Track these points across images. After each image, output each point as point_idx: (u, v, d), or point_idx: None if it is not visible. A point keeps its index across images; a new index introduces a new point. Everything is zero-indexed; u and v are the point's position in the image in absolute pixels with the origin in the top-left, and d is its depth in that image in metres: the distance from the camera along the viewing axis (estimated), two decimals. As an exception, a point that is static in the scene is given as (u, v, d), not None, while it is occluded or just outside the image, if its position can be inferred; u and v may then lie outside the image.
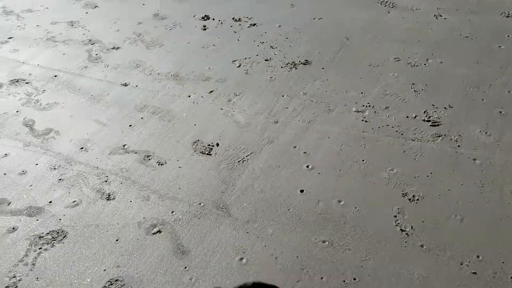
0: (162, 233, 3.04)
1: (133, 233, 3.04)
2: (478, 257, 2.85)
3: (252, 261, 2.82)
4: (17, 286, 2.74)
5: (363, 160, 3.55)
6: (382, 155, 3.59)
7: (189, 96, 4.41)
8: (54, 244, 3.01)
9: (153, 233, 3.04)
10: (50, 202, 3.34)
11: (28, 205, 3.32)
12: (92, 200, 3.33)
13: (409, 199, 3.26)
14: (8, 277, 2.80)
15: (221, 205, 3.24)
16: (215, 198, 3.29)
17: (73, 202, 3.33)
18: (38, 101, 4.48)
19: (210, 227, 3.07)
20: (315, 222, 3.07)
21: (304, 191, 3.31)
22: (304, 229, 3.02)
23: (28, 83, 4.78)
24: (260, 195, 3.30)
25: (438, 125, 3.84)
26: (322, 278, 2.70)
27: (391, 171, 3.45)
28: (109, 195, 3.36)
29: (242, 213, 3.16)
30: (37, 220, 3.20)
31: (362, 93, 4.28)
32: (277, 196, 3.28)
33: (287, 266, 2.79)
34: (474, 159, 3.54)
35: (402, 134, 3.76)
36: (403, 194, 3.31)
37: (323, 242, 2.93)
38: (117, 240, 3.00)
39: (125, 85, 4.65)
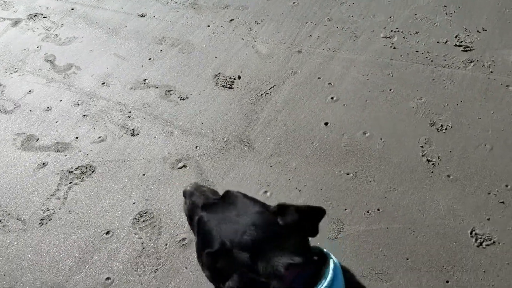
0: (187, 168, 3.08)
1: (159, 168, 3.10)
2: (506, 186, 2.80)
3: (276, 194, 2.85)
4: (51, 219, 2.87)
5: (390, 90, 3.41)
6: (410, 84, 3.44)
7: (208, 26, 4.25)
8: (84, 178, 3.10)
9: (179, 168, 3.08)
10: (77, 138, 3.40)
11: (56, 141, 3.39)
12: (117, 136, 3.37)
13: (437, 129, 3.17)
14: (42, 210, 2.93)
15: (244, 140, 3.22)
16: (238, 133, 3.27)
17: (99, 137, 3.37)
18: (57, 36, 4.41)
19: (234, 161, 3.09)
20: (339, 155, 3.04)
21: (329, 124, 3.25)
22: (328, 162, 3.00)
23: (46, 17, 4.69)
24: (283, 128, 3.26)
25: (470, 50, 3.61)
26: (345, 210, 2.72)
27: (419, 100, 3.33)
28: (133, 131, 3.38)
29: (266, 147, 3.15)
30: (65, 155, 3.28)
31: (390, 17, 4.03)
32: (301, 129, 3.23)
33: (311, 198, 2.81)
34: (507, 86, 3.36)
35: (432, 61, 3.57)
36: (431, 124, 3.20)
37: (347, 174, 2.92)
38: (144, 175, 3.06)
39: (142, 15, 4.51)
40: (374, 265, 2.45)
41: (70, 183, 3.08)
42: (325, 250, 1.44)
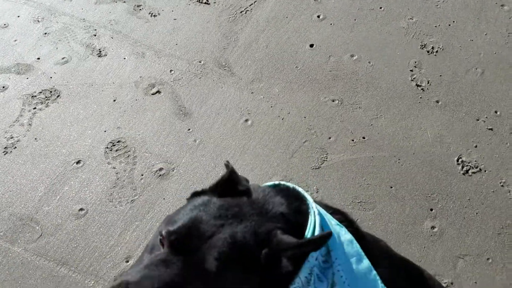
0: (162, 94, 2.86)
1: (130, 94, 2.86)
2: (496, 112, 2.72)
3: (258, 122, 2.69)
4: (15, 147, 2.67)
5: (380, 8, 3.16)
6: (401, 2, 3.19)
7: None
8: (48, 104, 2.85)
9: (152, 94, 2.86)
10: (38, 58, 3.09)
11: (16, 62, 3.07)
12: (82, 57, 3.07)
13: (428, 51, 3.00)
14: (6, 137, 2.71)
15: (223, 63, 2.98)
16: (216, 55, 3.02)
17: (63, 58, 3.07)
18: None
19: (212, 87, 2.87)
20: (325, 80, 2.86)
21: (314, 46, 3.02)
22: (313, 88, 2.83)
23: None
24: (265, 51, 3.02)
25: (469, -36, 3.34)
26: (330, 138, 2.60)
27: (410, 20, 3.11)
28: (100, 51, 3.09)
29: (246, 72, 2.93)
30: (27, 78, 2.99)
31: None
32: (284, 52, 3.00)
33: (294, 127, 2.67)
34: (502, 5, 3.16)
35: (426, -24, 3.30)
36: (422, 45, 3.02)
37: (333, 101, 2.77)
38: (114, 101, 2.84)
39: None
40: (358, 194, 2.40)
41: (34, 108, 2.84)
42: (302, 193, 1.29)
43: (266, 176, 2.46)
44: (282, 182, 1.32)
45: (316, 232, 1.11)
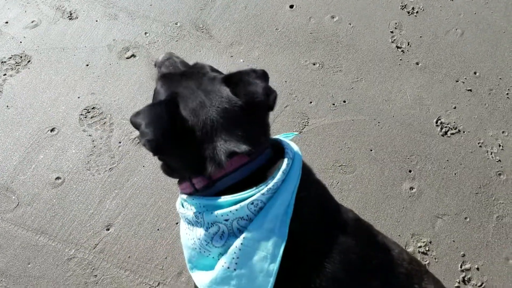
0: (137, 58, 2.76)
1: (104, 57, 2.76)
2: (475, 73, 2.72)
3: (237, 85, 2.64)
4: (-12, 116, 2.57)
5: (361, -33, 3.08)
6: (383, -39, 3.11)
7: None
8: (19, 69, 2.73)
9: (127, 58, 2.76)
10: (6, 22, 2.93)
11: (-19, 27, 2.91)
12: (52, 20, 2.92)
13: (408, 12, 2.96)
14: (-23, 106, 2.60)
15: (201, 25, 2.88)
16: (193, 17, 2.91)
17: (32, 22, 2.92)
18: None
19: (190, 50, 2.78)
20: (305, 43, 2.80)
21: (294, 7, 2.94)
22: (293, 51, 2.77)
23: None
24: (244, 12, 2.92)
25: None
26: (311, 103, 2.58)
27: (392, -20, 3.04)
28: (70, 14, 2.94)
29: (225, 34, 2.84)
30: (-5, 44, 2.85)
31: None
32: (264, 13, 2.92)
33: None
34: (484, -36, 3.11)
35: None
36: (402, 6, 2.98)
37: (314, 64, 2.72)
38: (87, 65, 2.73)
39: None
40: (338, 157, 2.40)
41: (5, 75, 2.71)
42: (286, 142, 1.28)
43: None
44: (287, 145, 1.26)
45: (242, 203, 1.10)
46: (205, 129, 1.13)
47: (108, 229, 2.19)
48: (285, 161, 1.17)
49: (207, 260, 1.18)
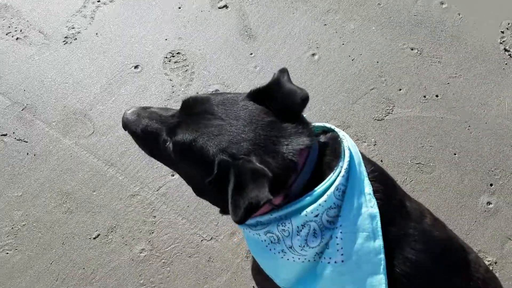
0: (229, 9, 2.69)
1: (197, 3, 2.71)
2: None
3: (326, 58, 2.52)
4: (76, 38, 2.61)
5: (485, -47, 2.79)
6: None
7: None
8: None
9: (219, 7, 2.69)
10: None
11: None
12: (153, -45, 2.89)
13: (526, 13, 2.68)
14: (67, 27, 2.65)
15: (301, -14, 2.76)
16: (294, -24, 2.78)
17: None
18: None
19: (283, 11, 2.67)
20: (407, 25, 2.61)
21: (402, -17, 2.74)
22: (393, 31, 2.59)
23: None
24: (348, -20, 2.76)
25: None
26: (400, 90, 2.42)
27: (516, -27, 2.74)
28: (172, -48, 2.89)
29: (322, 0, 2.70)
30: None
31: None
32: (368, -16, 2.74)
33: (363, 70, 2.48)
34: None
35: None
36: (521, 5, 2.70)
37: (411, 49, 2.54)
38: (179, 8, 2.70)
39: None
40: (418, 154, 2.27)
41: (99, 1, 2.73)
42: (329, 125, 1.26)
43: (323, 118, 2.34)
44: (335, 129, 1.23)
45: (328, 192, 1.07)
46: (268, 151, 1.08)
47: (173, 175, 2.21)
48: (344, 139, 1.17)
49: (302, 268, 1.14)
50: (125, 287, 1.99)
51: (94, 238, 2.08)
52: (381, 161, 2.23)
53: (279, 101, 1.14)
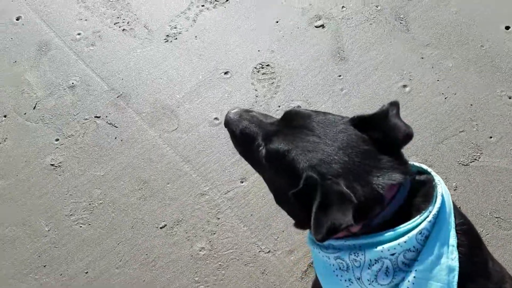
0: (325, 29, 2.70)
1: (294, 19, 2.76)
2: None
3: (417, 92, 2.45)
4: (176, 38, 2.77)
5: None
6: None
7: None
8: (217, 6, 2.86)
9: (316, 26, 2.72)
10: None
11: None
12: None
13: None
14: (170, 26, 2.81)
15: (402, 16, 2.70)
16: (396, 5, 2.73)
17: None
18: None
19: (380, 38, 2.64)
20: (509, 72, 2.46)
21: (511, 29, 2.58)
22: (492, 76, 2.46)
23: None
24: (453, 16, 2.65)
25: None
26: (491, 138, 2.29)
27: None
28: (278, -33, 2.97)
29: (424, 33, 2.62)
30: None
31: None
32: (474, 25, 2.62)
33: (455, 111, 2.38)
34: None
35: None
36: None
37: (510, 98, 2.39)
38: (277, 22, 2.76)
39: None
40: (499, 208, 2.12)
41: (202, 6, 2.87)
42: (428, 169, 1.22)
43: (405, 152, 2.25)
44: (431, 172, 1.20)
45: (410, 233, 1.05)
46: (358, 178, 1.08)
47: (242, 182, 2.27)
48: (439, 184, 1.14)
49: None
50: (180, 281, 2.07)
51: (161, 228, 2.19)
52: (459, 207, 2.12)
53: (381, 132, 1.14)
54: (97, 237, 2.20)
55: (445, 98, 2.41)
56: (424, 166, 1.23)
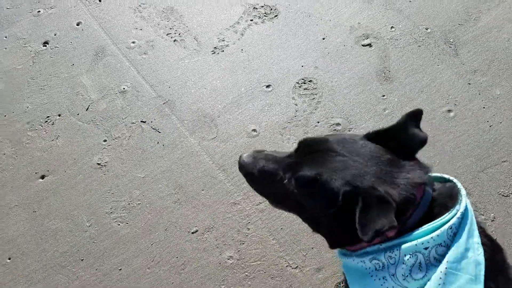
0: (372, 48, 2.69)
1: (341, 37, 2.76)
2: None
3: (461, 118, 2.38)
4: (223, 51, 2.85)
5: None
6: None
7: None
8: (265, 20, 2.93)
9: (363, 45, 2.71)
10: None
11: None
12: (310, -16, 3.02)
13: None
14: (218, 38, 2.90)
15: (451, 40, 2.64)
16: (447, 29, 2.67)
17: (292, -20, 3.07)
18: None
19: (428, 61, 2.59)
20: None
21: None
22: (545, 106, 2.35)
23: None
24: (505, 43, 2.56)
25: None
26: (538, 172, 2.19)
27: None
28: (329, -15, 2.99)
29: (473, 58, 2.55)
30: (255, -11, 3.09)
31: None
32: (528, 52, 2.52)
33: (499, 140, 2.29)
34: None
35: None
36: None
37: None
38: (323, 39, 2.78)
39: None
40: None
41: (251, 20, 2.95)
42: (447, 176, 1.29)
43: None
44: (453, 179, 1.26)
45: (442, 228, 1.11)
46: (390, 183, 1.16)
47: (274, 195, 2.29)
48: (462, 189, 1.20)
49: None
50: (206, 287, 2.12)
51: (192, 233, 2.26)
52: (495, 239, 2.03)
53: (396, 142, 1.24)
54: (133, 236, 2.30)
55: (490, 126, 2.33)
56: (446, 176, 1.29)
